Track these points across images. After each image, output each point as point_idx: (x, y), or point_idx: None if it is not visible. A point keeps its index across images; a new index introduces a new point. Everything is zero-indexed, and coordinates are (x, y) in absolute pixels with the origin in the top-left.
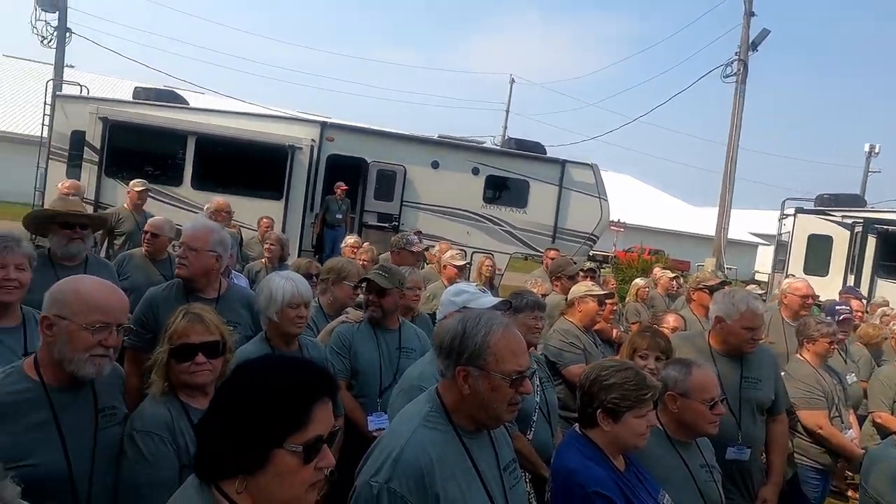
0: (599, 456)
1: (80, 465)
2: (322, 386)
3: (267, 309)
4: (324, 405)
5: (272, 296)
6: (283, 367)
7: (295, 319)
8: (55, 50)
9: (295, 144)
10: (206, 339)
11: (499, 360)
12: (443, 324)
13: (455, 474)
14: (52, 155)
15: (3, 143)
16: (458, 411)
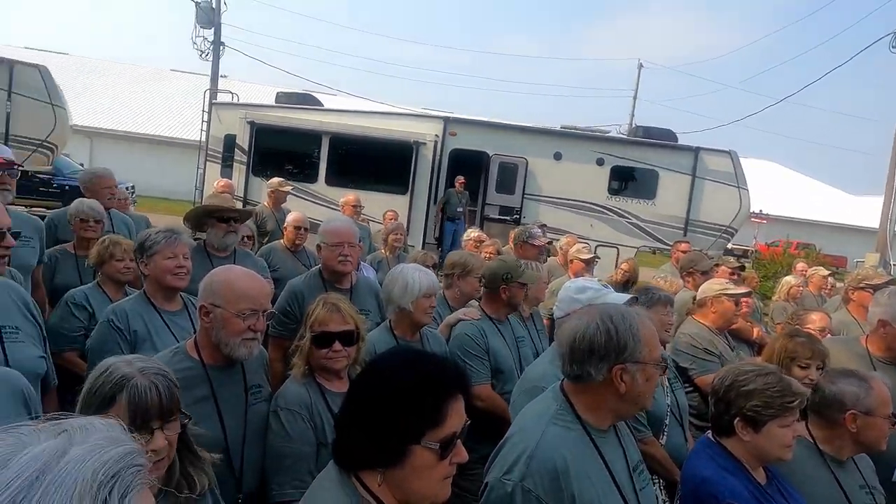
0: (736, 466)
1: (234, 435)
2: (457, 383)
3: (402, 298)
4: (457, 402)
5: (408, 286)
6: (418, 364)
7: (428, 310)
8: (211, 62)
9: (419, 140)
10: (342, 328)
11: (651, 349)
12: (576, 326)
13: (589, 474)
14: (209, 157)
15: (170, 148)
16: (596, 410)
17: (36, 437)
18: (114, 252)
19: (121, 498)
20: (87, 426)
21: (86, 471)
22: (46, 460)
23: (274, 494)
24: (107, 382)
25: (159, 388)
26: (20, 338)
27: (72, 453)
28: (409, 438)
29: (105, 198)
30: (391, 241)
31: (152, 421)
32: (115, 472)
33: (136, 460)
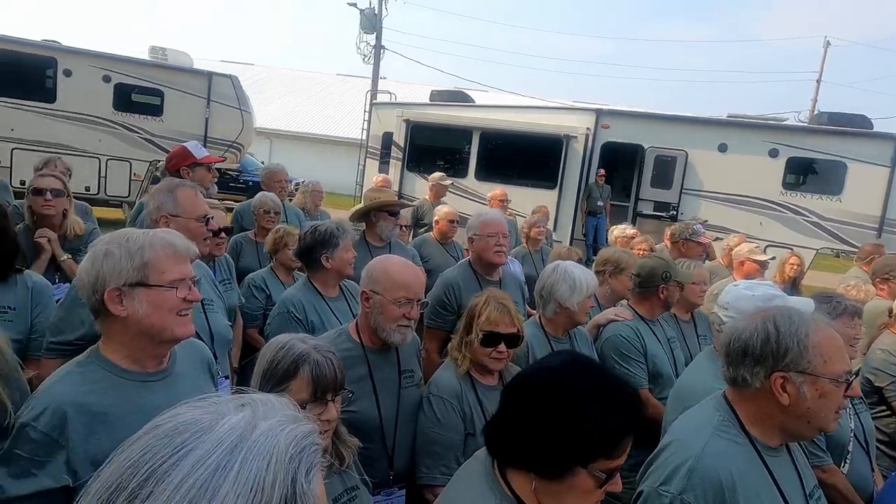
0: None
1: (387, 415)
2: (637, 417)
3: (569, 298)
4: (630, 437)
5: (576, 285)
6: (608, 392)
7: (588, 310)
8: (372, 65)
9: (570, 134)
10: (510, 330)
11: (827, 360)
12: (735, 327)
13: (759, 493)
14: (369, 154)
15: (336, 146)
16: (761, 423)
17: (227, 407)
18: (287, 241)
19: (306, 473)
20: (267, 402)
21: (279, 444)
22: (242, 430)
23: (422, 477)
24: (287, 357)
25: (333, 363)
26: (214, 308)
27: (261, 427)
28: (578, 461)
29: (277, 190)
30: (533, 235)
31: (328, 393)
32: (302, 449)
33: (316, 440)
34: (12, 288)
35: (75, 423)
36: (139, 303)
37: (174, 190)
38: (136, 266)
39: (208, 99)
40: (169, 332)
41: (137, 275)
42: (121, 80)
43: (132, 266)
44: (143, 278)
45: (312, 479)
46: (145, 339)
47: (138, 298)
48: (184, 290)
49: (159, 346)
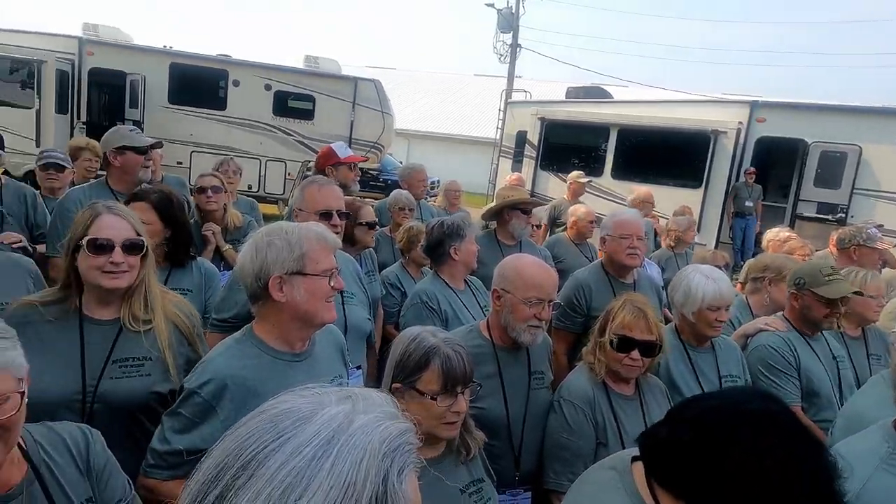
0: None
1: (515, 414)
2: (828, 494)
3: (683, 305)
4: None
5: (690, 293)
6: (811, 465)
7: (713, 322)
8: (508, 64)
9: (718, 129)
10: (646, 337)
11: None
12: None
13: None
14: (503, 153)
15: (471, 146)
16: None
17: (329, 398)
18: (419, 239)
19: (399, 472)
20: (368, 396)
21: (373, 440)
22: (340, 423)
23: (549, 482)
24: (418, 349)
25: (463, 357)
26: (354, 302)
27: (359, 421)
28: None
29: (418, 189)
30: (687, 239)
31: (458, 385)
32: (396, 447)
33: (411, 439)
34: (189, 273)
35: (232, 394)
36: (297, 290)
37: (304, 187)
38: (295, 257)
39: (354, 102)
40: (319, 317)
41: (297, 264)
42: (279, 87)
43: (292, 257)
44: (301, 268)
45: (405, 479)
46: (298, 322)
47: (296, 286)
48: (333, 279)
49: (308, 329)
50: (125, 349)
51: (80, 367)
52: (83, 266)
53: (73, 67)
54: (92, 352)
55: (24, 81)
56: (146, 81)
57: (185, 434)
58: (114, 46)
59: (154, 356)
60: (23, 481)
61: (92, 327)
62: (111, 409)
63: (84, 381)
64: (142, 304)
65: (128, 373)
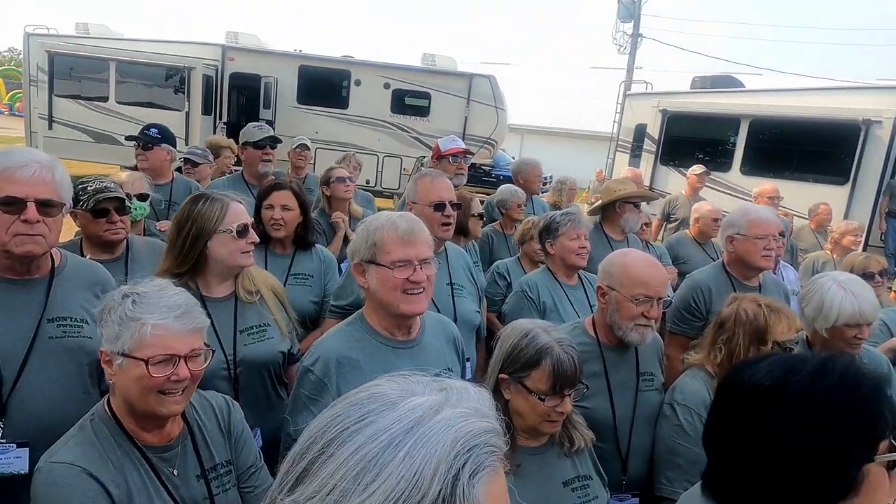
0: None
1: (622, 416)
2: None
3: (815, 319)
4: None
5: (822, 308)
6: (838, 373)
7: (851, 340)
8: (628, 55)
9: (871, 118)
10: (787, 337)
11: None
12: None
13: None
14: (619, 147)
15: (586, 140)
16: None
17: (421, 387)
18: (534, 234)
19: (471, 474)
20: (462, 390)
21: (449, 435)
22: (423, 413)
23: (661, 489)
24: (530, 347)
25: (574, 360)
26: (464, 294)
27: (443, 413)
28: (864, 459)
29: (535, 184)
30: (846, 243)
31: (566, 388)
32: (473, 446)
33: (494, 440)
34: (310, 259)
35: (340, 371)
36: (371, 278)
37: (417, 179)
38: (368, 245)
39: (468, 99)
40: (396, 307)
41: (369, 253)
42: (398, 86)
43: (366, 245)
44: (373, 257)
45: (478, 483)
46: (383, 310)
47: (370, 274)
48: (406, 270)
49: (394, 318)
50: (247, 319)
51: (217, 340)
52: (224, 251)
53: (217, 72)
54: (220, 325)
55: (176, 87)
56: (278, 83)
57: (306, 412)
58: (251, 52)
59: (270, 321)
60: (179, 435)
61: (213, 304)
62: (252, 371)
63: (224, 351)
64: (250, 280)
65: (258, 338)
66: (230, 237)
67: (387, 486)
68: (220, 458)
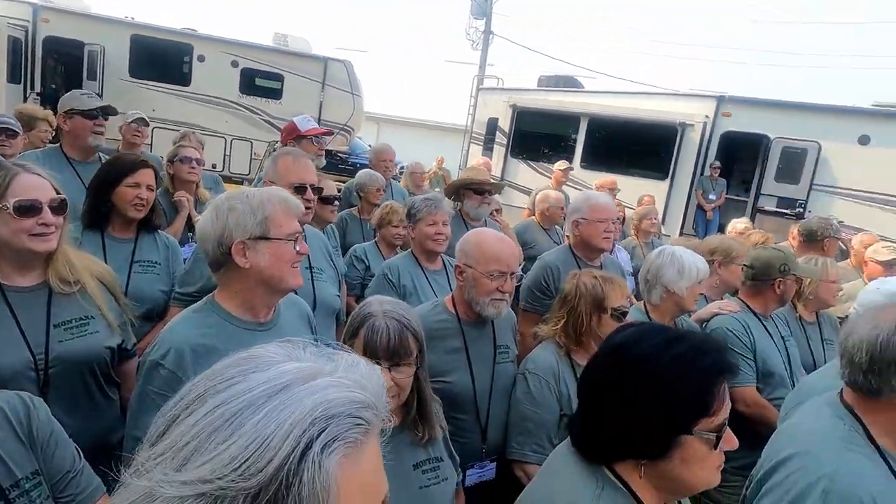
0: None
1: (481, 388)
2: (727, 366)
3: (676, 283)
4: (725, 386)
5: (686, 270)
6: (684, 344)
7: (697, 297)
8: (480, 51)
9: (686, 122)
10: (621, 303)
11: None
12: (877, 329)
13: None
14: (473, 139)
15: (441, 132)
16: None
17: (307, 355)
18: (391, 218)
19: (325, 445)
20: (353, 364)
21: (310, 401)
22: (294, 378)
23: (513, 452)
24: (357, 316)
25: (390, 330)
26: (324, 278)
27: (318, 381)
28: (679, 430)
29: (383, 169)
30: (644, 227)
31: (380, 360)
32: (334, 415)
33: (364, 413)
34: (155, 245)
35: (195, 361)
36: (261, 255)
37: (278, 158)
38: (258, 221)
39: (323, 83)
40: (285, 282)
41: (259, 229)
42: (247, 65)
43: (255, 221)
44: (264, 232)
45: (332, 455)
46: (263, 288)
47: (261, 251)
48: (298, 243)
49: (274, 295)
50: (65, 312)
51: (21, 336)
52: (6, 231)
53: (27, 35)
54: (27, 319)
55: None
56: (105, 52)
57: (157, 411)
58: (71, 14)
59: (94, 313)
60: None
61: (17, 296)
62: (70, 371)
63: (31, 349)
64: (67, 266)
65: (77, 333)
66: (8, 215)
67: (235, 447)
68: (22, 472)
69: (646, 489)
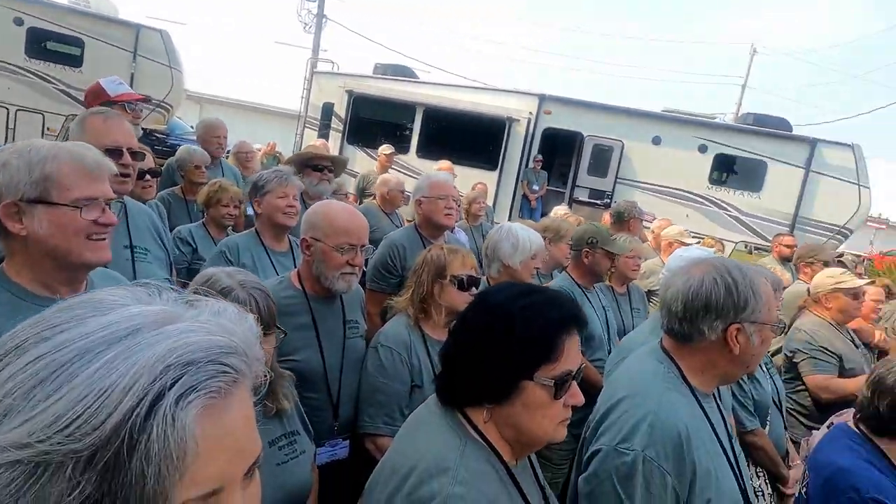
0: (882, 462)
1: (332, 364)
2: (574, 318)
3: (511, 257)
4: (574, 339)
5: (519, 245)
6: (534, 296)
7: (532, 271)
8: (313, 34)
9: (513, 116)
10: (462, 271)
11: (770, 308)
12: (689, 281)
13: (704, 442)
14: (307, 124)
15: (272, 116)
16: (702, 373)
17: (159, 298)
18: (221, 197)
19: (181, 396)
20: (220, 309)
21: (162, 347)
22: (144, 322)
23: (364, 425)
24: (212, 290)
25: (258, 301)
26: (148, 259)
27: (175, 325)
28: (521, 373)
29: (215, 146)
30: (473, 211)
31: None
32: (191, 362)
33: (229, 359)
34: None
35: None
36: (39, 222)
37: (85, 118)
38: (35, 180)
39: (135, 53)
40: (76, 257)
41: (36, 190)
42: (35, 24)
43: (31, 180)
44: (42, 194)
45: (190, 408)
46: (50, 261)
47: (38, 217)
48: (93, 211)
49: (68, 270)
50: None
51: None
52: None
53: None
54: None
55: None
56: None
57: None
58: None
59: None
60: None
61: None
62: None
63: None
64: None
65: None
66: None
67: (63, 403)
68: None
69: (498, 439)
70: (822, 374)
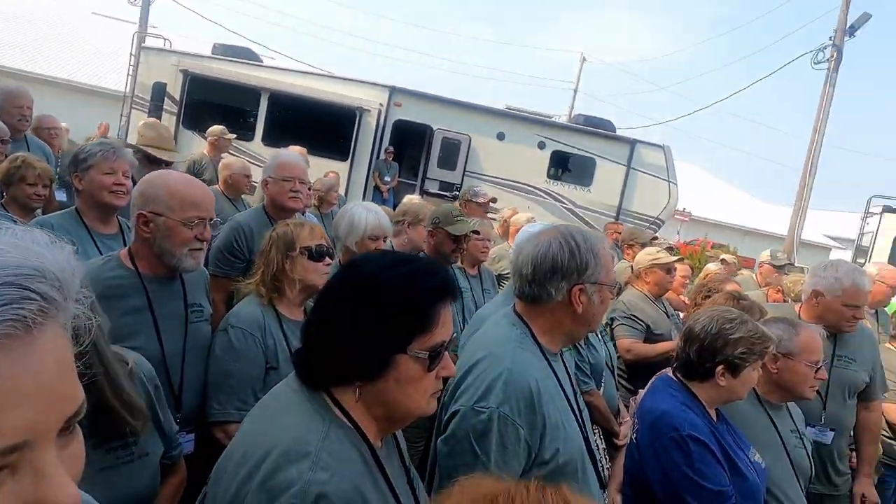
0: (695, 404)
1: (172, 350)
2: (447, 287)
3: (346, 237)
4: (447, 309)
5: (354, 225)
6: (407, 265)
7: (377, 251)
8: (140, 7)
9: (364, 107)
10: (312, 242)
11: (608, 270)
12: (537, 246)
13: (553, 397)
14: (135, 105)
15: (91, 96)
16: (550, 333)
17: None
18: (25, 174)
19: None
20: (28, 231)
21: None
22: None
23: (214, 413)
24: None
25: None
26: None
27: None
28: (394, 347)
29: (16, 117)
30: (330, 199)
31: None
32: None
33: (35, 284)
34: None
35: None
36: None
37: None
38: None
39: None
40: None
41: None
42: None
43: None
44: None
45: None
46: None
47: None
48: None
49: None
50: None
51: None
52: None
53: None
54: None
55: None
56: None
57: None
58: None
59: None
60: None
61: None
62: None
63: None
64: None
65: None
66: None
67: None
68: None
69: (365, 419)
70: (628, 338)
